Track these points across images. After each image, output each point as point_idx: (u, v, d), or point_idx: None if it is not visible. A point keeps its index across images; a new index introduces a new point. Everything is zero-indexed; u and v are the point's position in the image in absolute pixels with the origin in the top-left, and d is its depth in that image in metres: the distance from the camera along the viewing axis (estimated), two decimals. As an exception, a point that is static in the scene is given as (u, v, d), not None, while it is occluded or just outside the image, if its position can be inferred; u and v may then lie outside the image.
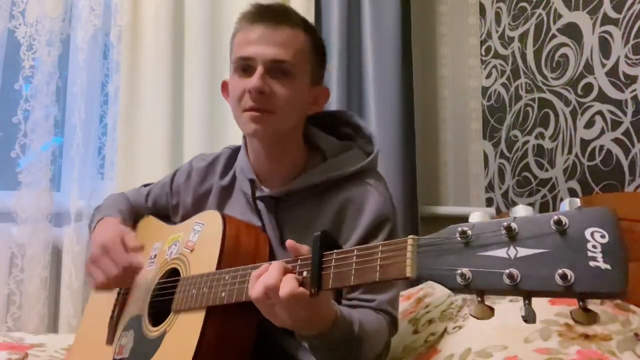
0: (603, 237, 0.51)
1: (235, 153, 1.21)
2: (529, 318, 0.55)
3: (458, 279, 0.57)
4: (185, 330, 0.95)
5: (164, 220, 1.25)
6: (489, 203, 2.15)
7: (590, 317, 0.52)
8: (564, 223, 0.52)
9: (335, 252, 0.75)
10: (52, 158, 1.79)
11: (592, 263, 0.50)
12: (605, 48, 1.61)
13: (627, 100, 1.53)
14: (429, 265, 0.61)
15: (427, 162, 2.15)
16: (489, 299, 0.57)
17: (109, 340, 1.13)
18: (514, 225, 0.55)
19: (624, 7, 1.55)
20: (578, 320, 0.53)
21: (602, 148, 1.61)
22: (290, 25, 1.05)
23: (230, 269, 0.92)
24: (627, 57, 1.54)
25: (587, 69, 1.68)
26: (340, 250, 0.75)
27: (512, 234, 0.55)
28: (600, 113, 1.62)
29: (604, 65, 1.61)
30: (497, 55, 2.15)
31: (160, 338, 0.99)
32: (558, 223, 0.53)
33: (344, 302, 1.00)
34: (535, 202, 1.89)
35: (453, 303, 1.41)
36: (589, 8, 1.68)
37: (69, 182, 1.82)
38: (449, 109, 2.24)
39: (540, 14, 1.90)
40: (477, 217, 0.60)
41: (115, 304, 1.17)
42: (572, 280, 0.51)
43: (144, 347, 1.02)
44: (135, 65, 1.86)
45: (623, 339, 0.98)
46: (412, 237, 0.65)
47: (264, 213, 1.10)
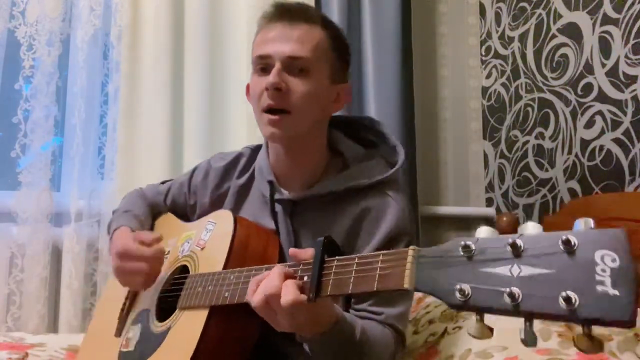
0: (614, 260, 0.47)
1: (255, 153, 1.20)
2: (529, 341, 0.52)
3: (457, 295, 0.55)
4: (188, 328, 0.95)
5: (181, 218, 1.26)
6: (489, 203, 2.15)
7: (595, 345, 0.48)
8: (573, 243, 0.50)
9: (337, 258, 0.74)
10: (52, 158, 1.78)
11: (599, 287, 0.47)
12: (605, 48, 1.61)
13: (627, 100, 1.53)
14: (428, 278, 0.60)
15: (427, 162, 2.15)
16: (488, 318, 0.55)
17: (118, 333, 1.14)
18: (520, 242, 0.53)
19: (624, 7, 1.55)
20: (581, 348, 0.49)
21: (602, 148, 1.61)
22: (307, 22, 1.04)
23: (235, 270, 0.92)
24: (627, 57, 1.54)
25: (587, 69, 1.68)
26: (342, 257, 0.73)
27: (517, 251, 0.53)
28: (600, 113, 1.62)
29: (604, 65, 1.61)
30: (497, 55, 2.15)
31: (164, 334, 1.00)
32: (567, 243, 0.50)
33: (352, 312, 0.99)
34: (535, 202, 1.89)
35: (453, 303, 1.41)
36: (589, 8, 1.68)
37: (69, 182, 1.82)
38: (449, 109, 2.24)
39: (540, 14, 1.90)
40: (484, 232, 0.57)
41: (127, 297, 1.19)
42: (576, 305, 0.48)
43: (149, 341, 1.03)
44: (135, 65, 1.86)
45: (623, 340, 0.98)
46: (413, 247, 0.64)
47: (280, 215, 1.09)
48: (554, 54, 1.82)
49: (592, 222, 0.51)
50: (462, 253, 0.57)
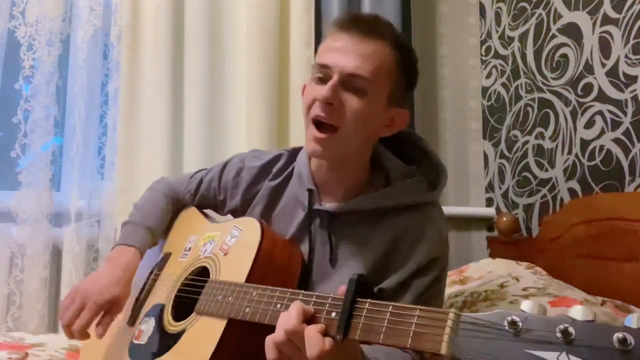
0: None
1: (293, 156, 1.16)
2: None
3: None
4: (204, 335, 0.94)
5: (205, 215, 1.25)
6: (489, 203, 2.15)
7: None
8: (629, 342, 0.48)
9: (370, 302, 0.70)
10: (52, 158, 1.79)
11: None
12: (605, 48, 1.61)
13: (627, 100, 1.53)
14: (468, 346, 0.57)
15: (427, 162, 2.14)
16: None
17: (131, 322, 1.13)
18: (572, 330, 0.51)
19: (624, 7, 1.55)
20: None
21: (602, 148, 1.61)
22: (378, 39, 0.99)
23: (259, 286, 0.89)
24: (627, 57, 1.53)
25: (587, 69, 1.68)
26: (375, 302, 0.70)
27: (568, 339, 0.51)
28: (600, 113, 1.62)
29: (604, 65, 1.61)
30: (497, 55, 2.15)
31: (179, 335, 0.99)
32: (622, 342, 0.48)
33: None
34: (535, 202, 1.89)
35: (453, 305, 1.42)
36: (589, 8, 1.68)
37: (69, 182, 1.82)
38: (449, 109, 2.24)
39: (540, 14, 1.90)
40: (528, 306, 0.56)
41: (144, 287, 1.18)
42: None
43: (162, 339, 1.02)
44: (135, 65, 1.86)
45: (623, 340, 0.98)
46: (454, 311, 0.61)
47: (316, 226, 1.06)
48: (554, 54, 1.82)
49: None
50: (507, 328, 0.55)
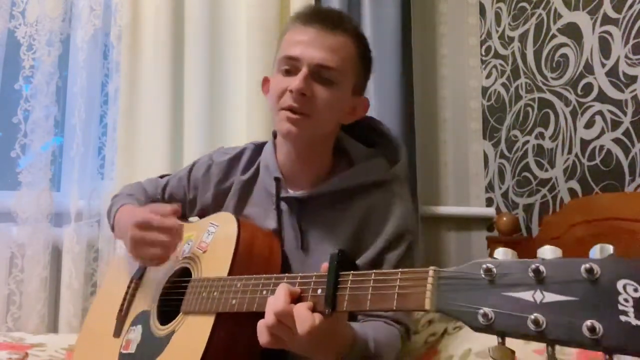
0: (636, 290, 0.48)
1: (260, 149, 1.20)
2: None
3: (480, 319, 0.55)
4: (194, 333, 0.94)
5: (179, 217, 1.25)
6: (489, 203, 2.15)
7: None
8: (596, 272, 0.50)
9: (352, 273, 0.73)
10: (52, 158, 1.79)
11: (622, 317, 0.48)
12: (605, 48, 1.61)
13: (627, 100, 1.53)
14: (450, 300, 0.59)
15: (427, 162, 2.15)
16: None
17: (117, 333, 1.13)
18: (542, 268, 0.53)
19: (624, 7, 1.55)
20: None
21: (602, 148, 1.61)
22: (344, 33, 1.04)
23: (243, 277, 0.90)
24: (627, 57, 1.53)
25: (587, 69, 1.68)
26: (358, 272, 0.72)
27: (539, 277, 0.53)
28: (600, 113, 1.62)
29: (604, 65, 1.61)
30: (497, 55, 2.15)
31: (168, 338, 0.99)
32: (589, 271, 0.50)
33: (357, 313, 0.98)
34: (535, 202, 1.89)
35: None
36: (589, 8, 1.68)
37: (69, 182, 1.82)
38: (449, 109, 2.24)
39: (540, 14, 1.90)
40: (502, 254, 0.58)
41: (125, 297, 1.17)
42: (600, 334, 0.48)
43: (151, 344, 1.01)
44: (135, 65, 1.86)
45: None
46: (433, 268, 0.63)
47: (285, 214, 1.09)
48: (554, 54, 1.82)
49: (611, 248, 0.51)
50: (483, 276, 0.57)
